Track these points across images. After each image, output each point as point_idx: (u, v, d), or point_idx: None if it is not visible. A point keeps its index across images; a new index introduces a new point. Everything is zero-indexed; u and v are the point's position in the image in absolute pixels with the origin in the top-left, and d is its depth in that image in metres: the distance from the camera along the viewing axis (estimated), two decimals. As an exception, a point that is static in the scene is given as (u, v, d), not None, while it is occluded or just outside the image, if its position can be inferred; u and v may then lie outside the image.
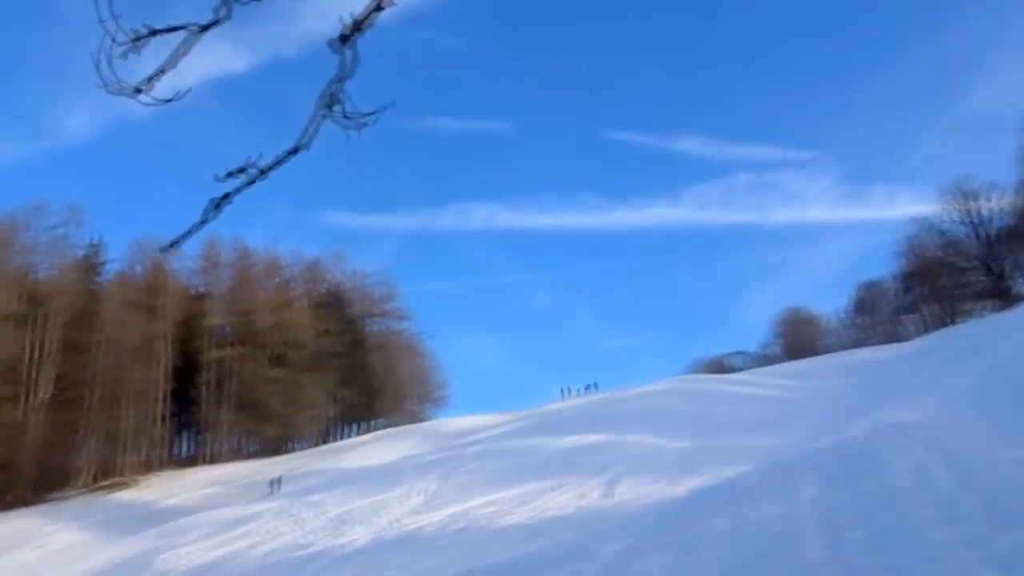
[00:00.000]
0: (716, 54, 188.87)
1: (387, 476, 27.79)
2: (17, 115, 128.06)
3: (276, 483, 36.52)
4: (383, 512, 20.09)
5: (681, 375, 68.03)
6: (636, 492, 15.97)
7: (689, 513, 10.04)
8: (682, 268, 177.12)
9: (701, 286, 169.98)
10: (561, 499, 16.93)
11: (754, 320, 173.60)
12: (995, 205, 64.13)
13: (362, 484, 26.74)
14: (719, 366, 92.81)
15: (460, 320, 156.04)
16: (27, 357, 53.12)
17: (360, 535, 17.54)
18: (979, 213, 64.52)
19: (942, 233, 64.85)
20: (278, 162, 3.22)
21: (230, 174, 3.19)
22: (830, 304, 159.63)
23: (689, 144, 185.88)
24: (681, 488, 15.40)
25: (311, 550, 17.09)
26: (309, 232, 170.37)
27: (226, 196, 3.31)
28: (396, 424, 74.98)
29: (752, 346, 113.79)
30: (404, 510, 19.88)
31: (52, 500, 50.86)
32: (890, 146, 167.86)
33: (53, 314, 55.59)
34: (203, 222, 3.48)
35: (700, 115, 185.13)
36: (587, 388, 64.10)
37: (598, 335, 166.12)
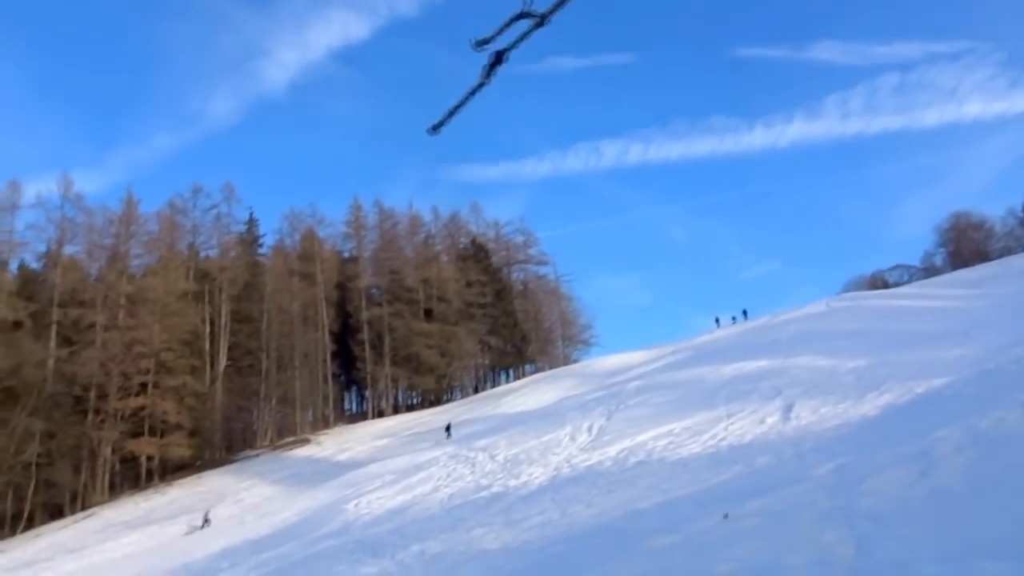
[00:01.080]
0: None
1: (550, 417, 28.06)
2: (165, 108, 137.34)
3: (448, 430, 37.91)
4: (554, 451, 20.24)
5: (836, 295, 64.82)
6: (817, 415, 15.14)
7: (900, 429, 9.35)
8: (826, 184, 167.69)
9: (848, 201, 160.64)
10: (737, 427, 16.36)
11: (910, 232, 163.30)
12: None
13: (527, 426, 27.12)
14: (877, 283, 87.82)
15: (597, 261, 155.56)
16: (203, 330, 57.50)
17: (537, 474, 17.73)
18: None
19: None
20: (558, 4, 2.90)
21: (499, 30, 2.91)
22: (999, 206, 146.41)
23: (825, 51, 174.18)
24: (868, 407, 14.49)
25: (492, 491, 17.45)
26: (441, 189, 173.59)
27: (499, 58, 3.05)
28: (546, 368, 76.11)
29: (912, 258, 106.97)
30: (574, 448, 19.94)
31: (240, 460, 55.26)
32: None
33: (222, 288, 59.74)
34: (479, 86, 3.26)
35: (835, 18, 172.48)
36: (734, 318, 62.17)
37: (740, 263, 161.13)
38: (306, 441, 57.53)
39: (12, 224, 53.31)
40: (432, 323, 69.06)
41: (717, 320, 62.68)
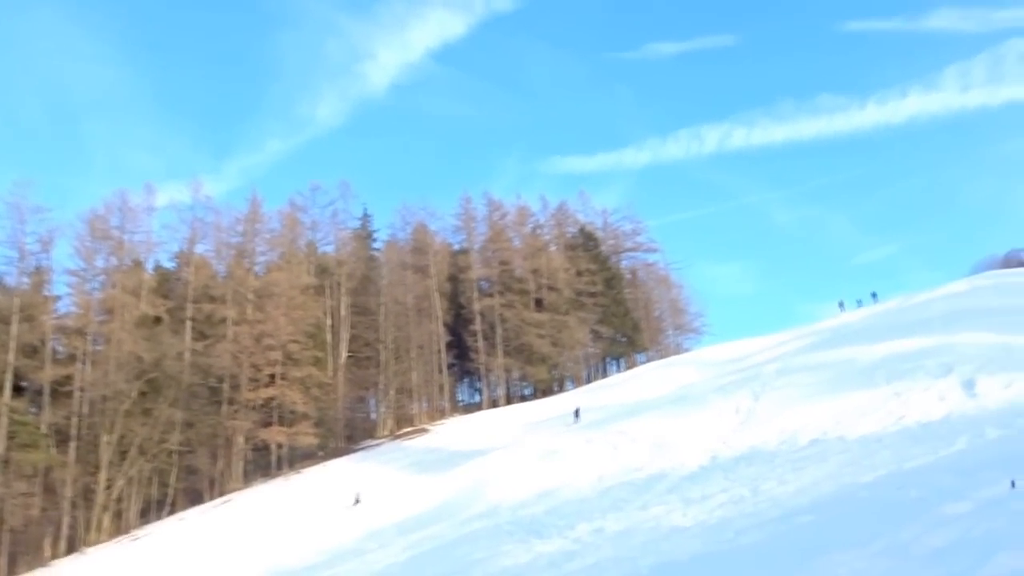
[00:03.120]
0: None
1: (684, 401, 27.33)
2: (276, 114, 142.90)
3: (577, 414, 37.63)
4: (702, 433, 19.59)
5: (967, 276, 60.78)
6: (1011, 391, 13.93)
7: None
8: (947, 161, 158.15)
9: (973, 178, 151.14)
10: (913, 404, 15.29)
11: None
12: None
13: (662, 410, 26.48)
14: (1012, 262, 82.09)
15: (702, 249, 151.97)
16: (325, 323, 59.24)
17: (691, 456, 17.17)
18: None
19: None
20: None
21: None
22: None
23: (942, 19, 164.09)
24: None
25: (646, 472, 17.03)
26: (543, 181, 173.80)
27: None
28: (657, 357, 74.77)
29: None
30: (725, 429, 19.23)
31: (362, 449, 56.62)
32: None
33: (341, 282, 61.40)
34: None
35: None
36: (860, 302, 59.18)
37: (853, 248, 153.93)
38: (424, 431, 58.39)
39: (149, 225, 56.54)
40: (543, 313, 68.87)
41: (841, 304, 59.91)
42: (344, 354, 59.81)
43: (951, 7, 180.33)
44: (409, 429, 59.60)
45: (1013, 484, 5.66)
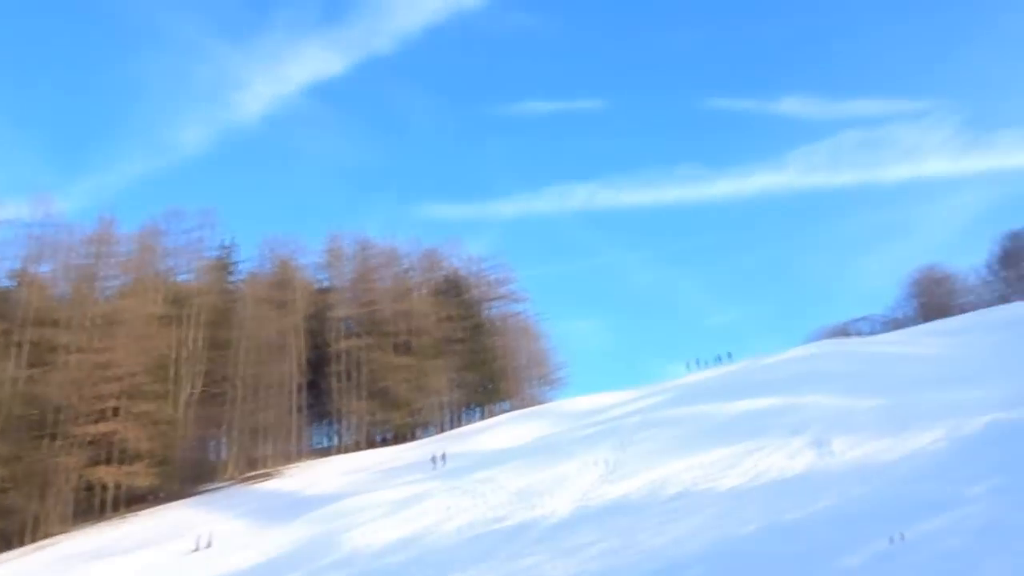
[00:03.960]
0: (813, 6, 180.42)
1: (548, 451, 27.35)
2: (137, 135, 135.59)
3: (440, 459, 36.79)
4: (568, 484, 19.54)
5: (807, 343, 65.23)
6: (861, 450, 14.72)
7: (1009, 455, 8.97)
8: (790, 236, 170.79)
9: (812, 253, 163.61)
10: (771, 460, 15.89)
11: (873, 284, 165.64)
12: None
13: (525, 459, 26.35)
14: (844, 333, 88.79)
15: (564, 302, 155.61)
16: (174, 355, 55.64)
17: (558, 506, 17.01)
18: None
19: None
20: None
21: None
22: (959, 261, 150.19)
23: (791, 105, 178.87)
24: (917, 442, 14.13)
25: (512, 521, 16.69)
26: (413, 225, 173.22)
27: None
28: (517, 407, 75.10)
29: (876, 310, 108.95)
30: (590, 480, 19.27)
31: (204, 492, 53.13)
32: (1012, 89, 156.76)
33: (195, 313, 58.03)
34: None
35: (801, 73, 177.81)
36: (711, 361, 62.21)
37: (704, 311, 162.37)
38: (273, 474, 55.66)
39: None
40: (407, 357, 67.77)
41: (692, 364, 62.70)
42: (193, 390, 56.27)
43: (799, 95, 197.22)
44: (257, 472, 56.59)
45: (892, 540, 5.82)
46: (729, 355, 61.59)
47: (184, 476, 54.12)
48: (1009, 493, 6.44)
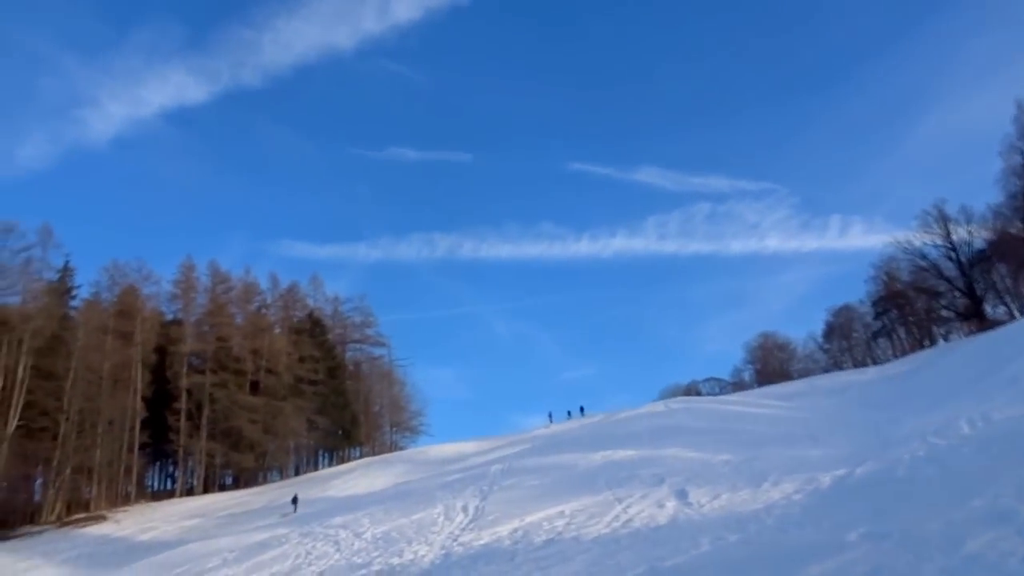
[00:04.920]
0: (672, 88, 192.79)
1: (408, 497, 26.75)
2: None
3: (293, 504, 35.07)
4: (431, 530, 19.10)
5: (656, 400, 67.93)
6: (722, 501, 15.28)
7: (854, 508, 9.50)
8: (643, 298, 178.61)
9: (663, 315, 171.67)
10: (637, 509, 16.20)
11: (718, 347, 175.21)
12: (966, 231, 65.48)
13: (385, 505, 25.63)
14: (692, 392, 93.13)
15: (420, 350, 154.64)
16: (-3, 385, 50.62)
17: (422, 552, 16.56)
18: (950, 238, 65.71)
19: (923, 256, 66.03)
20: None
21: None
22: (798, 330, 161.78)
23: (648, 175, 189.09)
24: (775, 494, 14.83)
25: (373, 568, 16.07)
26: (270, 263, 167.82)
27: None
28: (373, 453, 73.42)
29: (719, 372, 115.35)
30: (454, 527, 18.91)
31: (18, 536, 48.21)
32: (843, 177, 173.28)
33: (23, 339, 53.14)
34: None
35: (658, 146, 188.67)
36: (570, 413, 63.46)
37: (559, 366, 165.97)
38: (102, 518, 51.34)
39: None
40: (258, 396, 64.86)
41: (550, 415, 63.58)
42: (14, 423, 51.18)
43: (655, 167, 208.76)
44: (82, 515, 52.01)
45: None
46: (582, 409, 62.99)
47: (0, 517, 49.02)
48: (884, 540, 6.85)
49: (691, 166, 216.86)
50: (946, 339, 71.99)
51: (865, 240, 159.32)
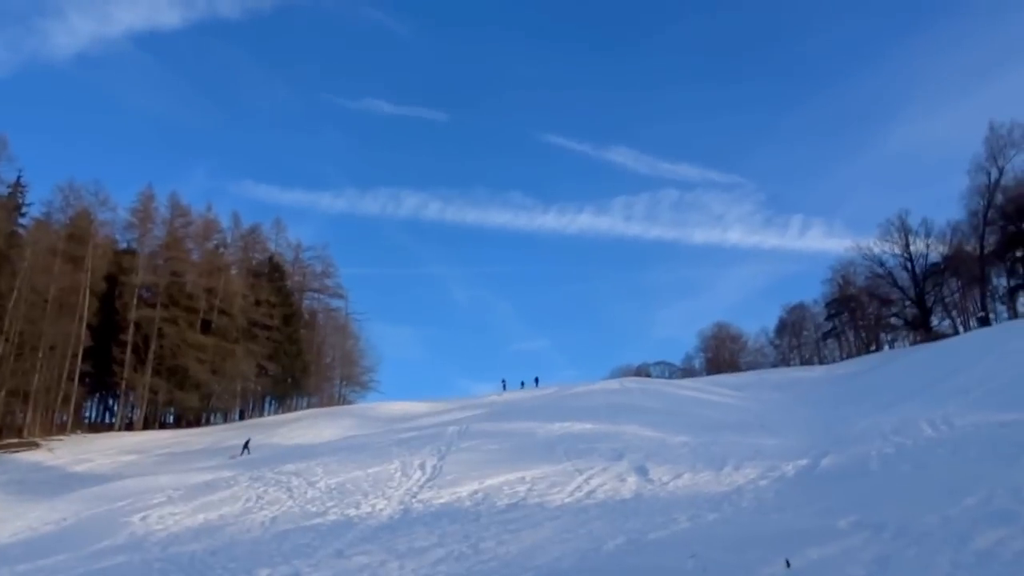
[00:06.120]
0: (654, 70, 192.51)
1: (363, 450, 26.45)
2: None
3: (246, 446, 34.44)
4: (387, 485, 18.86)
5: (607, 379, 68.52)
6: (684, 480, 15.31)
7: (838, 497, 9.49)
8: (603, 276, 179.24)
9: (620, 296, 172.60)
10: (599, 481, 16.16)
11: (669, 333, 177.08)
12: (924, 244, 66.87)
13: (338, 456, 25.30)
14: (642, 373, 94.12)
15: (377, 306, 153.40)
16: (-65, 298, 48.79)
17: (380, 506, 16.32)
18: (909, 249, 67.02)
19: (881, 263, 67.31)
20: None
21: None
22: (751, 323, 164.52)
23: (620, 155, 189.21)
24: (738, 478, 14.89)
25: (328, 518, 15.78)
26: (230, 202, 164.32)
27: None
28: (320, 405, 72.81)
29: (669, 357, 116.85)
30: (412, 484, 18.69)
31: (-53, 455, 46.76)
32: (809, 178, 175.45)
33: (-34, 253, 51.26)
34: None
35: (632, 128, 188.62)
36: (523, 383, 63.58)
37: (513, 335, 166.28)
38: (35, 445, 50.07)
39: None
40: (209, 336, 63.62)
41: (504, 383, 63.58)
42: (-49, 339, 49.51)
43: (627, 148, 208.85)
44: (14, 440, 50.64)
45: (788, 564, 5.92)
46: (537, 380, 63.10)
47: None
48: (881, 530, 6.80)
49: (664, 151, 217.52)
50: (891, 346, 73.91)
51: (823, 243, 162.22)
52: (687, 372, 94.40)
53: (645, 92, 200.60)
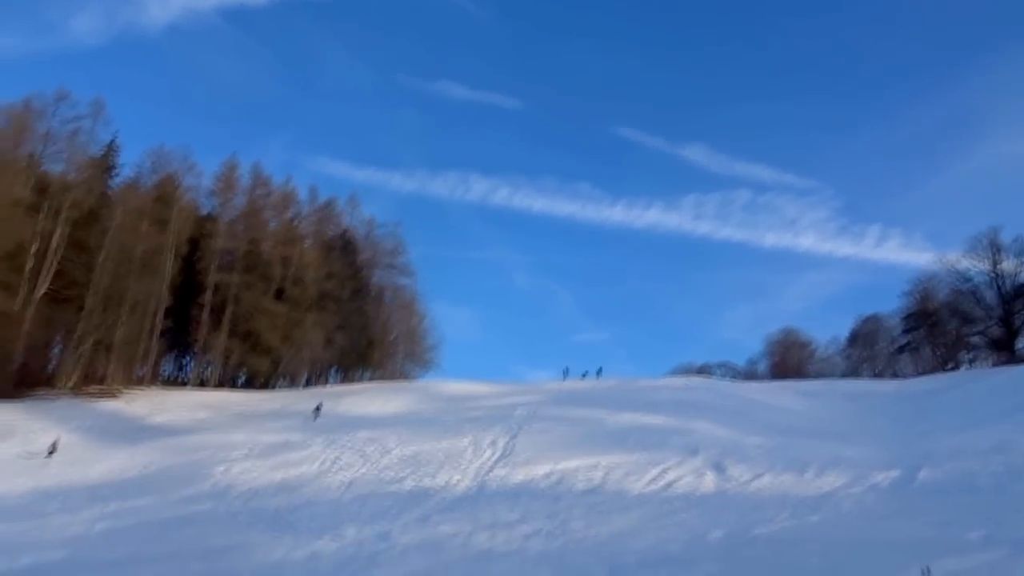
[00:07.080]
0: (735, 67, 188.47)
1: (434, 425, 26.78)
2: (18, 8, 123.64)
3: (318, 410, 35.25)
4: (461, 460, 19.09)
5: (670, 375, 67.72)
6: (765, 481, 15.06)
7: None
8: (669, 273, 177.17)
9: (684, 294, 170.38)
10: (676, 475, 16.02)
11: (731, 335, 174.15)
12: (1014, 263, 63.90)
13: (409, 428, 25.70)
14: (704, 373, 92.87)
15: (442, 286, 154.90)
16: (31, 248, 51.09)
17: (455, 479, 16.55)
18: (997, 266, 64.19)
19: (966, 279, 64.74)
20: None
21: None
22: (820, 331, 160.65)
23: (695, 152, 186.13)
24: (825, 484, 14.56)
25: (405, 487, 16.08)
26: (304, 176, 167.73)
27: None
28: (382, 379, 73.90)
29: (731, 359, 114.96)
30: (484, 460, 18.89)
31: (34, 398, 49.10)
32: (890, 188, 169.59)
33: (62, 208, 53.49)
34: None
35: (709, 125, 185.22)
36: (586, 373, 63.26)
37: (573, 326, 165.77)
38: (115, 394, 52.15)
39: None
40: (282, 304, 65.16)
41: (565, 372, 63.34)
42: (44, 287, 51.81)
43: (704, 146, 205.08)
44: (97, 388, 52.84)
45: (929, 572, 5.78)
46: (599, 371, 62.75)
47: (17, 376, 49.85)
48: (1020, 547, 6.57)
49: (739, 151, 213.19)
50: (971, 365, 71.10)
51: (900, 255, 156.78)
52: (750, 375, 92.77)
53: (724, 92, 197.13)
